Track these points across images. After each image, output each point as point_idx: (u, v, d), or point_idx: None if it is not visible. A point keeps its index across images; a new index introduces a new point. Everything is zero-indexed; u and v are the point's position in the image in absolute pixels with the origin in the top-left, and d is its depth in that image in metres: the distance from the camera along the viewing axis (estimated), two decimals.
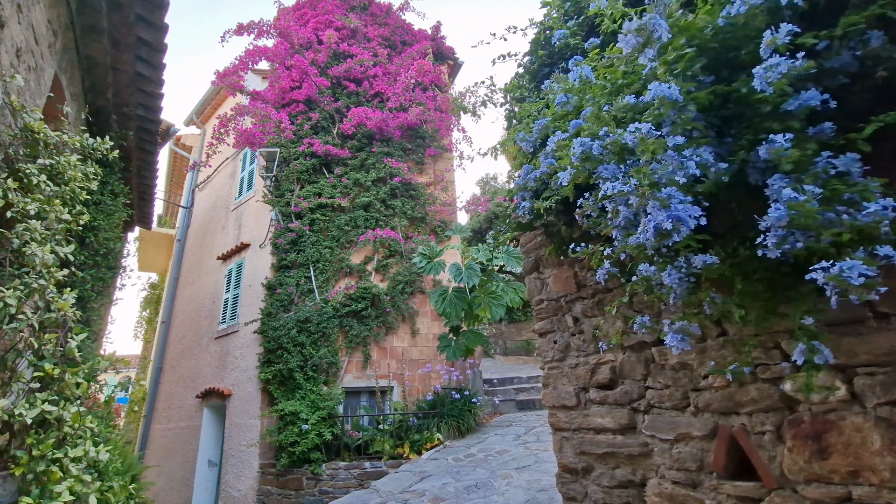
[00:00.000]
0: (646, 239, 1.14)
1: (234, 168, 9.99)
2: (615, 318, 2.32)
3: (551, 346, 2.73)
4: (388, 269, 8.07)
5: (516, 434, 6.43)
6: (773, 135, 1.03)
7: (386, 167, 8.35)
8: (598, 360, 2.41)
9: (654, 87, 1.16)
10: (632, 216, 1.41)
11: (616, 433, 2.28)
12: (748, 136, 1.21)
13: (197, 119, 11.63)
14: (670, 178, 1.08)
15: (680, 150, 1.10)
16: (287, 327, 6.97)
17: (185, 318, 9.93)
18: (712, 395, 1.88)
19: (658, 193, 1.07)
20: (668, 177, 1.08)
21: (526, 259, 2.99)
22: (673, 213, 1.05)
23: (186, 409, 8.72)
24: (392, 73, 8.80)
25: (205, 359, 8.66)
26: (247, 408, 7.15)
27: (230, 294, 8.51)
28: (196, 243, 10.59)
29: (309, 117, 8.24)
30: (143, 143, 5.33)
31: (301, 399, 6.53)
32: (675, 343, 1.30)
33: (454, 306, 6.76)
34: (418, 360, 7.82)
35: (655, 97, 1.16)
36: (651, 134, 1.08)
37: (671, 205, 1.06)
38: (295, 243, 7.64)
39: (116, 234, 4.86)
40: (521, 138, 2.32)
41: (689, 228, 1.07)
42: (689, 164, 1.07)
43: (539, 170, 2.23)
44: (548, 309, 2.77)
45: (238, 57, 7.37)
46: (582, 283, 2.56)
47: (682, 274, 1.22)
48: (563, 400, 2.59)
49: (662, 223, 1.05)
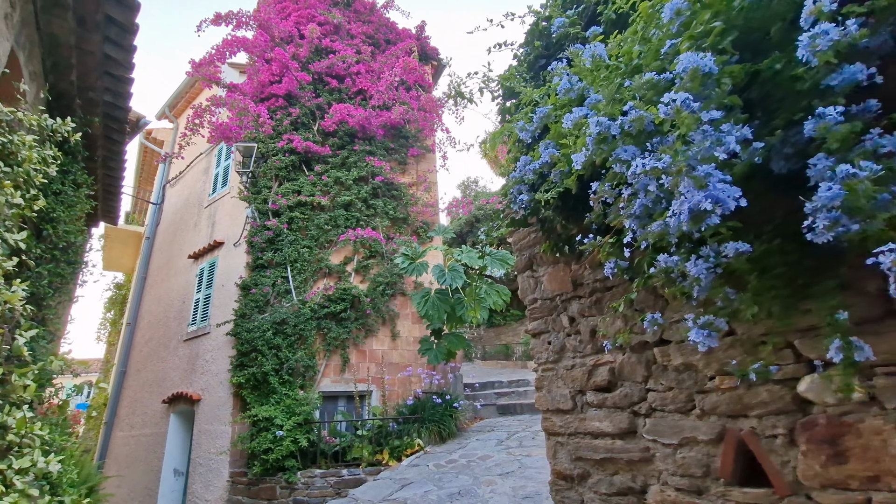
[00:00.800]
0: (677, 223, 1.03)
1: (208, 164, 9.62)
2: (615, 317, 2.23)
3: (545, 347, 2.62)
4: (369, 271, 7.87)
5: (498, 439, 6.32)
6: (823, 109, 0.93)
7: (368, 166, 8.16)
8: (595, 362, 2.31)
9: (685, 58, 1.06)
10: (650, 203, 1.30)
11: (615, 438, 2.17)
12: (783, 116, 1.12)
13: (170, 113, 11.19)
14: (708, 155, 0.97)
15: (717, 126, 1.00)
16: (262, 329, 6.70)
17: (152, 319, 9.47)
18: (719, 398, 1.80)
19: (694, 171, 0.96)
20: (704, 153, 0.98)
21: (519, 257, 2.88)
22: (711, 192, 0.94)
23: (151, 416, 8.29)
24: (375, 70, 8.64)
25: (173, 362, 8.26)
26: (217, 413, 6.82)
27: (201, 294, 8.15)
28: (166, 241, 10.15)
29: (289, 112, 7.99)
30: (110, 132, 5.02)
31: (276, 404, 6.26)
32: (700, 339, 1.20)
33: (437, 308, 6.60)
34: (398, 364, 7.63)
35: (686, 69, 1.06)
36: (687, 105, 0.98)
37: (709, 184, 0.95)
38: (272, 242, 7.37)
39: (78, 227, 4.54)
40: (520, 127, 2.21)
41: (729, 210, 0.96)
42: (728, 139, 0.96)
43: (538, 161, 2.13)
44: (542, 308, 2.66)
45: (215, 46, 7.07)
46: (578, 282, 2.46)
47: (711, 264, 1.12)
48: (557, 403, 2.48)
49: (700, 204, 0.94)
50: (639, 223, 1.40)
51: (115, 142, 5.22)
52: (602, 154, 1.29)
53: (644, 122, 1.15)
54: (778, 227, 1.42)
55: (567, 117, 1.37)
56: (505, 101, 3.04)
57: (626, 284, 2.21)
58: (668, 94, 1.00)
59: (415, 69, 7.68)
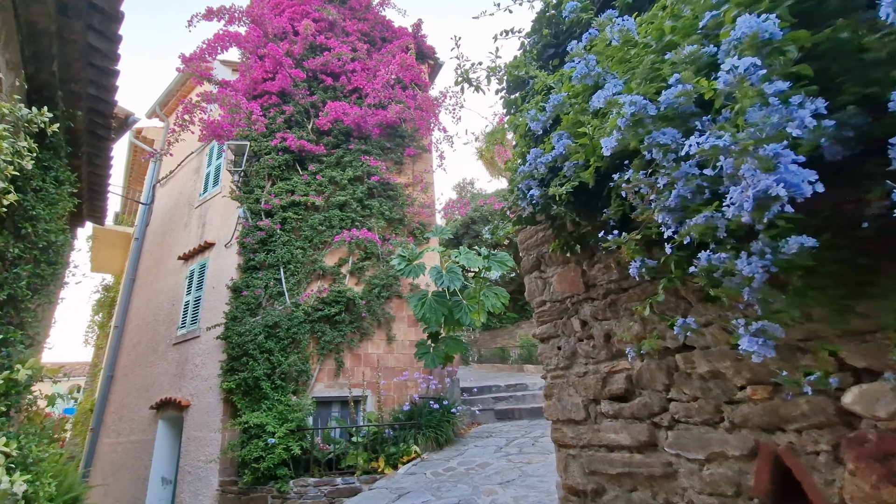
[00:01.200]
0: (736, 213, 0.88)
1: (199, 163, 9.40)
2: (631, 321, 2.08)
3: (555, 352, 2.47)
4: (364, 272, 7.69)
5: (497, 445, 6.15)
6: None
7: (363, 165, 7.99)
8: (610, 369, 2.15)
9: (742, 22, 0.91)
10: (689, 194, 1.15)
11: (633, 451, 2.02)
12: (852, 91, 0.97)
13: (160, 111, 10.95)
14: (775, 132, 0.82)
15: (786, 99, 0.85)
16: (254, 332, 6.49)
17: (140, 322, 9.22)
18: (751, 409, 1.65)
19: (760, 151, 0.81)
20: (770, 131, 0.83)
21: (526, 257, 2.73)
22: (783, 176, 0.79)
23: (139, 422, 8.04)
24: (371, 68, 8.48)
25: (161, 367, 8.02)
26: (207, 420, 6.60)
27: (191, 297, 7.92)
28: (155, 242, 9.91)
29: (282, 110, 7.81)
30: (95, 127, 4.81)
31: (267, 410, 6.05)
32: (754, 348, 1.05)
33: (434, 311, 6.42)
34: (394, 368, 7.45)
35: (744, 35, 0.91)
36: (753, 72, 0.83)
37: (779, 165, 0.80)
38: (264, 243, 7.17)
39: (59, 226, 4.33)
40: (531, 117, 2.06)
41: (804, 196, 0.81)
42: (799, 114, 0.81)
43: (551, 153, 1.98)
44: (551, 311, 2.51)
45: (206, 41, 6.87)
46: (591, 283, 2.31)
47: (767, 262, 0.97)
48: (569, 413, 2.32)
49: (769, 189, 0.79)
50: (673, 217, 1.25)
51: (100, 138, 5.01)
52: (637, 138, 1.14)
53: (691, 98, 0.99)
54: (826, 220, 1.27)
55: (597, 95, 1.22)
56: (510, 93, 2.90)
57: (643, 286, 2.07)
58: (730, 60, 0.85)
59: (412, 66, 7.53)
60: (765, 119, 0.84)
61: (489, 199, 10.17)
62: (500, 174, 19.99)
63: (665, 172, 1.19)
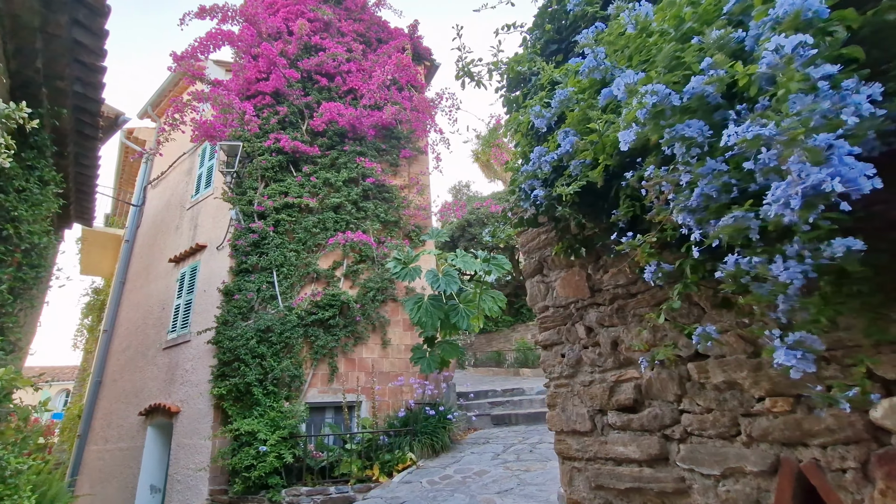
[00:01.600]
0: (779, 211, 0.78)
1: (191, 164, 9.25)
2: (641, 328, 1.98)
3: (558, 359, 2.37)
4: (359, 276, 7.57)
5: (494, 452, 6.03)
6: None
7: (358, 167, 7.88)
8: (618, 378, 2.05)
9: (783, 1, 0.82)
10: (714, 192, 1.06)
11: (643, 465, 1.92)
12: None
13: (152, 112, 10.79)
14: (825, 122, 0.73)
15: (836, 84, 0.75)
16: (245, 337, 6.34)
17: (130, 326, 9.03)
18: (771, 423, 1.55)
19: (811, 141, 0.72)
20: (818, 121, 0.73)
21: (527, 260, 2.63)
22: (838, 169, 0.70)
23: (127, 428, 7.85)
24: (367, 69, 8.38)
25: (151, 372, 7.84)
26: (197, 427, 6.43)
27: (182, 300, 7.76)
28: (146, 244, 9.73)
29: (276, 111, 7.69)
30: (82, 126, 4.67)
31: (259, 417, 5.91)
32: (792, 362, 0.95)
33: (430, 315, 6.33)
34: (389, 373, 7.32)
35: (785, 14, 0.81)
36: (802, 52, 0.73)
37: (832, 157, 0.71)
38: (257, 245, 7.03)
39: (43, 227, 4.19)
40: (535, 113, 1.97)
41: (862, 192, 0.72)
42: (855, 99, 0.72)
43: (557, 151, 1.89)
44: (554, 317, 2.41)
45: (198, 39, 6.74)
46: (597, 288, 2.21)
47: (807, 266, 0.87)
48: (573, 423, 2.22)
49: (822, 185, 0.70)
50: (695, 218, 1.16)
51: (87, 137, 4.87)
52: (658, 131, 1.04)
53: (723, 84, 0.90)
54: (860, 221, 1.18)
55: (616, 83, 1.12)
56: (511, 91, 2.80)
57: (652, 291, 1.97)
58: (776, 38, 0.76)
59: (408, 66, 7.44)
60: (813, 106, 0.74)
61: (486, 201, 10.06)
62: (496, 176, 19.95)
63: (687, 169, 1.09)
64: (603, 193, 1.95)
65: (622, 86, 1.09)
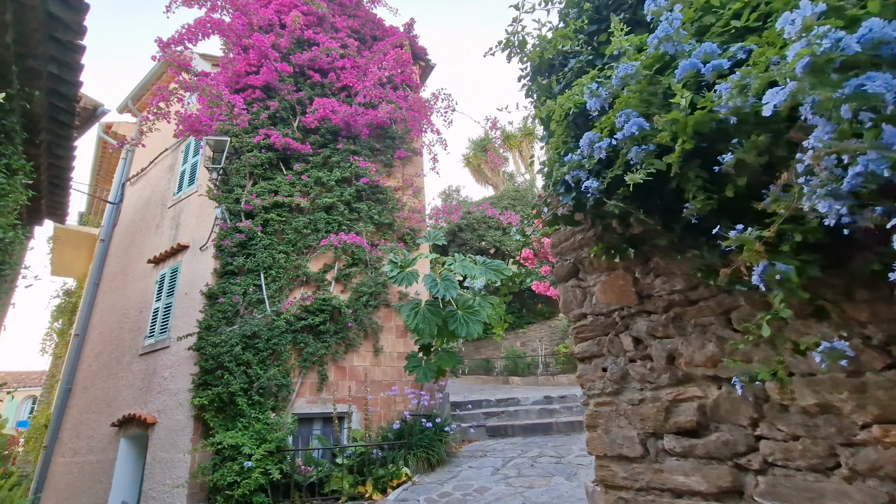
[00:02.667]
0: None
1: (173, 160, 8.81)
2: (704, 339, 1.74)
3: (599, 374, 2.11)
4: (351, 280, 7.23)
5: (493, 467, 5.75)
6: None
7: (352, 166, 7.57)
8: (675, 396, 1.80)
9: None
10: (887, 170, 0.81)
11: (710, 498, 1.67)
12: None
13: (133, 105, 10.30)
14: None
15: None
16: (230, 343, 5.95)
17: (104, 330, 8.50)
18: (881, 455, 1.32)
19: None
20: None
21: (560, 262, 2.37)
22: None
23: (98, 440, 7.32)
24: (361, 66, 8.10)
25: (125, 379, 7.35)
26: (175, 439, 5.99)
27: (161, 303, 7.31)
28: (123, 244, 9.21)
29: (266, 106, 7.34)
30: (56, 112, 4.29)
31: (244, 429, 5.51)
32: None
33: (428, 322, 6.00)
34: (381, 382, 6.99)
35: None
36: None
37: None
38: (244, 246, 6.65)
39: (9, 221, 3.79)
40: (591, 92, 1.72)
41: None
42: None
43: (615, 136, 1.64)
44: (593, 326, 2.16)
45: (186, 25, 6.36)
46: (646, 293, 1.96)
47: None
48: (619, 448, 1.96)
49: None
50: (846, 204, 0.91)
51: (62, 124, 4.47)
52: (828, 86, 0.80)
53: None
54: None
55: (786, 18, 0.86)
56: (540, 76, 2.56)
57: (718, 297, 1.73)
58: None
59: (408, 62, 7.19)
60: None
61: (482, 205, 9.83)
62: (487, 182, 19.78)
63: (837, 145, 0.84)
64: (657, 186, 1.71)
65: (797, 20, 0.83)
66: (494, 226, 13.87)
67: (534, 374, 13.64)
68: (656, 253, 1.95)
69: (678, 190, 1.72)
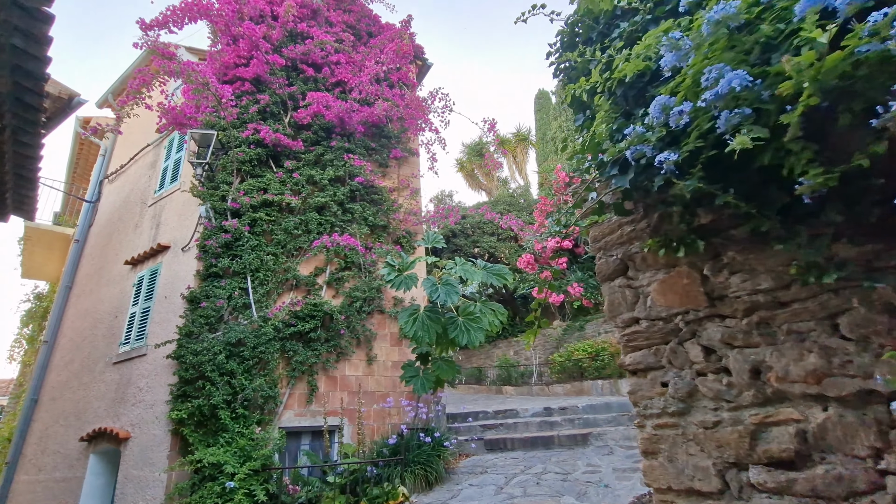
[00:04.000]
0: None
1: (155, 157, 8.34)
2: (802, 349, 1.42)
3: (657, 390, 1.78)
4: (343, 284, 6.84)
5: (496, 485, 5.37)
6: None
7: (346, 165, 7.21)
8: (763, 418, 1.48)
9: None
10: None
11: None
12: None
13: (113, 100, 9.78)
14: None
15: None
16: (213, 351, 5.50)
17: (75, 336, 7.94)
18: None
19: None
20: None
21: (604, 259, 2.05)
22: None
23: (66, 456, 6.76)
24: (357, 62, 7.77)
25: (97, 389, 6.82)
26: (150, 456, 5.50)
27: (138, 308, 6.81)
28: (99, 245, 8.68)
29: (256, 99, 6.95)
30: (22, 93, 3.85)
31: (226, 445, 5.06)
32: None
33: (427, 329, 5.62)
34: (374, 393, 6.58)
35: None
36: None
37: None
38: (229, 247, 6.21)
39: None
40: (670, 44, 1.40)
41: None
42: None
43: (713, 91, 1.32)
44: (649, 333, 1.83)
45: (170, 7, 5.95)
46: (718, 294, 1.65)
47: None
48: (689, 480, 1.63)
49: None
50: None
51: (28, 107, 4.03)
52: None
53: None
54: None
55: None
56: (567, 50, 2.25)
57: (819, 298, 1.42)
58: None
59: (408, 53, 6.87)
60: None
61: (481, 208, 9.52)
62: (480, 187, 19.52)
63: None
64: (739, 165, 1.41)
65: None
66: (489, 231, 13.58)
67: (527, 384, 13.29)
68: (731, 246, 1.64)
69: (766, 169, 1.42)
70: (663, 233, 1.81)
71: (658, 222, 1.84)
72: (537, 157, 19.61)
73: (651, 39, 1.49)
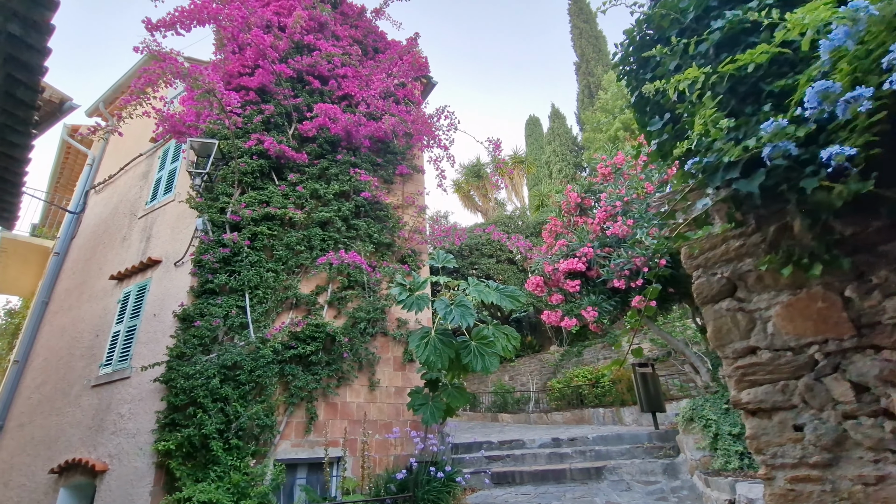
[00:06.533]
0: None
1: (148, 167, 7.95)
2: None
3: (789, 435, 1.49)
4: (346, 304, 6.46)
5: None
6: None
7: (351, 180, 6.93)
8: None
9: None
10: None
11: None
12: None
13: (105, 109, 9.41)
14: None
15: None
16: (206, 375, 5.05)
17: (50, 357, 7.34)
18: None
19: None
20: None
21: (704, 278, 1.78)
22: None
23: (32, 490, 6.11)
24: (364, 76, 7.60)
25: (72, 416, 6.23)
26: (130, 492, 4.96)
27: (123, 326, 6.32)
28: (82, 258, 8.16)
29: (261, 109, 6.67)
30: (14, 86, 3.51)
31: (218, 480, 4.57)
32: None
33: (439, 354, 5.30)
34: (377, 422, 6.15)
35: None
36: None
37: None
38: (227, 262, 5.82)
39: None
40: (850, 15, 1.17)
41: None
42: None
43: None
44: (773, 367, 1.55)
45: (178, 8, 5.69)
46: (867, 322, 1.38)
47: None
48: None
49: None
50: None
51: (21, 103, 3.69)
52: None
53: None
54: None
55: None
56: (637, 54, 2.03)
57: None
58: None
59: (424, 66, 6.70)
60: None
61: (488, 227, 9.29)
62: (476, 209, 19.38)
63: None
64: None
65: None
66: (487, 253, 13.34)
67: (524, 411, 12.86)
68: (881, 264, 1.39)
69: None
70: (785, 248, 1.55)
71: (775, 236, 1.59)
72: (528, 180, 19.68)
73: (816, 13, 1.25)
